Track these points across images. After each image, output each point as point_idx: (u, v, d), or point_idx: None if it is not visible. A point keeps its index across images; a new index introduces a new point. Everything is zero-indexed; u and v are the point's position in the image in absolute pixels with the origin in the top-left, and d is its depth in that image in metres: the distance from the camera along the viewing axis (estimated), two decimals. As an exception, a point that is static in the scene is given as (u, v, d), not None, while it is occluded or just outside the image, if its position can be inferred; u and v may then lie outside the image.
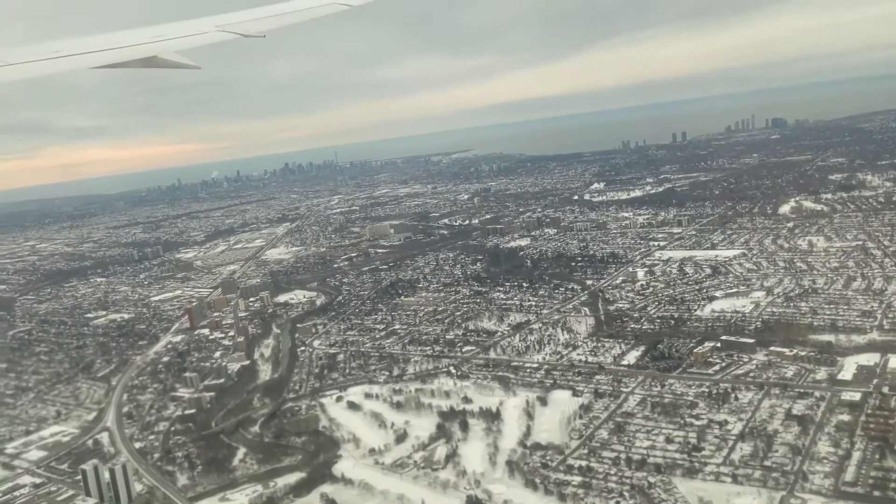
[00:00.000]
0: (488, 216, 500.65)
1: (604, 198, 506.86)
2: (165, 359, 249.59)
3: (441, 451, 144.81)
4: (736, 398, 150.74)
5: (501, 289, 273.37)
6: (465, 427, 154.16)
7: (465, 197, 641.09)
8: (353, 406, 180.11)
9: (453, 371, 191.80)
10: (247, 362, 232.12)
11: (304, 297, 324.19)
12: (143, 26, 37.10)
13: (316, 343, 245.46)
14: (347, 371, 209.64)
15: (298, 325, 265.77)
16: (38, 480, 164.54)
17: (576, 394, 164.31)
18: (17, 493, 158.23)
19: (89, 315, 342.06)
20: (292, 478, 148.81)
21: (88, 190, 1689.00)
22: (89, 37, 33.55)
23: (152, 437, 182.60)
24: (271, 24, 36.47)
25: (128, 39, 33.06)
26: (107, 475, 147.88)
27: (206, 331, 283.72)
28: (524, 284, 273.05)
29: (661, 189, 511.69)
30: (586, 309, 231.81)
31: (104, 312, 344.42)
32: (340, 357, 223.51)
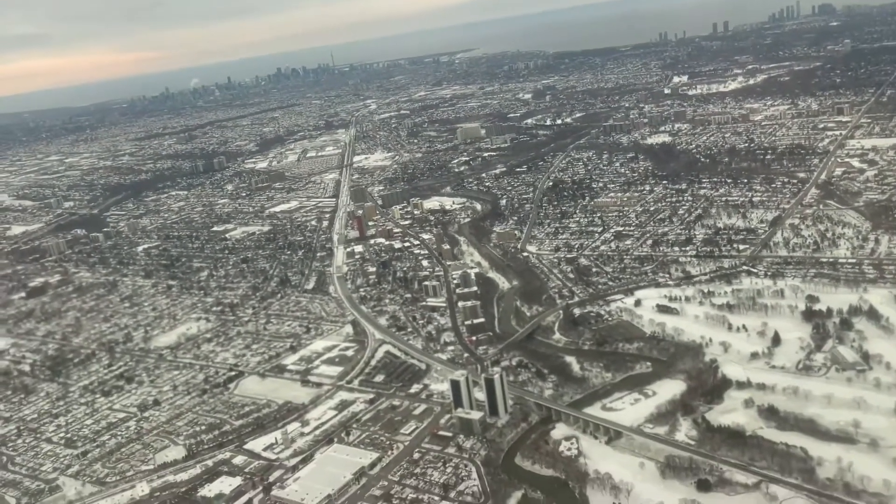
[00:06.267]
0: (579, 114, 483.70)
1: (700, 91, 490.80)
2: (371, 268, 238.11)
3: (847, 352, 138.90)
4: None
5: (704, 186, 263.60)
6: (847, 325, 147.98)
7: (528, 96, 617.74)
8: (666, 310, 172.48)
9: (754, 270, 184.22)
10: (476, 270, 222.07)
11: (454, 202, 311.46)
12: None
13: (531, 248, 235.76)
14: (611, 275, 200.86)
15: (498, 232, 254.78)
16: (366, 396, 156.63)
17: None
18: (358, 409, 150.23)
19: (216, 229, 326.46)
20: (670, 386, 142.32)
21: (55, 102, 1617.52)
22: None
23: (450, 347, 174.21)
24: None
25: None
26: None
27: (381, 239, 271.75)
28: (727, 180, 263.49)
29: (758, 80, 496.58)
30: (832, 202, 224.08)
31: (231, 226, 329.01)
32: (583, 261, 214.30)
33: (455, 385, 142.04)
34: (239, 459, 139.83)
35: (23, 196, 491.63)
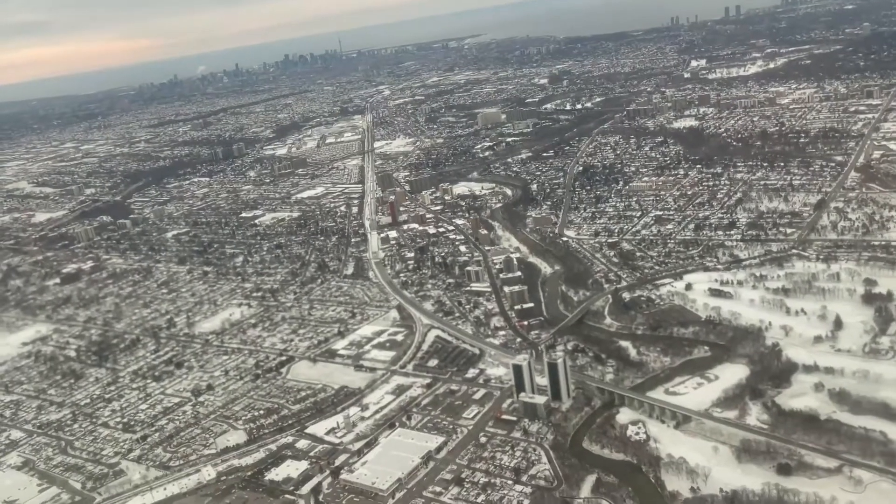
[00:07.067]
0: (599, 98, 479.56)
1: (719, 74, 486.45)
2: (408, 254, 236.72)
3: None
4: None
5: (740, 169, 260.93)
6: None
7: (544, 81, 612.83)
8: (719, 293, 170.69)
9: (805, 254, 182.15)
10: (516, 255, 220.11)
11: (482, 188, 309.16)
12: None
13: (569, 233, 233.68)
14: (656, 259, 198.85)
15: (534, 216, 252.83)
16: (423, 381, 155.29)
17: None
18: (416, 394, 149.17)
19: (244, 215, 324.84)
20: (733, 370, 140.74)
21: (61, 90, 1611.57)
22: None
23: (501, 332, 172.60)
24: None
25: None
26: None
27: (414, 225, 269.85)
28: (763, 164, 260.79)
29: (778, 63, 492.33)
30: (874, 185, 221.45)
31: (259, 212, 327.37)
32: (626, 246, 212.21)
33: (517, 369, 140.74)
34: (302, 443, 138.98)
35: (42, 183, 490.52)
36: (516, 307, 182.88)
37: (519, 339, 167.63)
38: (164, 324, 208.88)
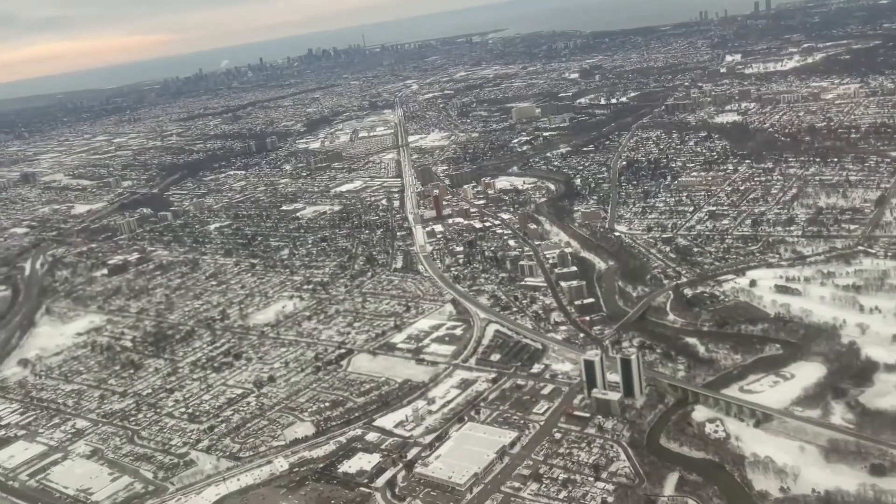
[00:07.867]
0: (633, 93, 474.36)
1: (756, 69, 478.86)
2: (457, 248, 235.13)
3: None
4: None
5: (792, 165, 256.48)
6: None
7: (575, 75, 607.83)
8: (786, 290, 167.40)
9: (871, 250, 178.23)
10: (568, 250, 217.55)
11: (524, 182, 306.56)
12: None
13: (620, 228, 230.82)
14: (715, 255, 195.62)
15: (582, 211, 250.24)
16: (488, 375, 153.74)
17: None
18: (482, 388, 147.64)
19: (285, 208, 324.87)
20: (808, 368, 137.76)
21: (86, 84, 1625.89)
22: None
23: (562, 327, 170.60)
24: None
25: None
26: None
27: (459, 219, 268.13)
28: (816, 159, 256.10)
29: (817, 58, 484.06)
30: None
31: (300, 205, 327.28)
32: (681, 241, 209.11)
33: (589, 365, 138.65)
34: (371, 436, 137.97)
35: (79, 175, 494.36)
36: (575, 302, 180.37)
37: (581, 335, 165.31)
38: (218, 315, 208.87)
